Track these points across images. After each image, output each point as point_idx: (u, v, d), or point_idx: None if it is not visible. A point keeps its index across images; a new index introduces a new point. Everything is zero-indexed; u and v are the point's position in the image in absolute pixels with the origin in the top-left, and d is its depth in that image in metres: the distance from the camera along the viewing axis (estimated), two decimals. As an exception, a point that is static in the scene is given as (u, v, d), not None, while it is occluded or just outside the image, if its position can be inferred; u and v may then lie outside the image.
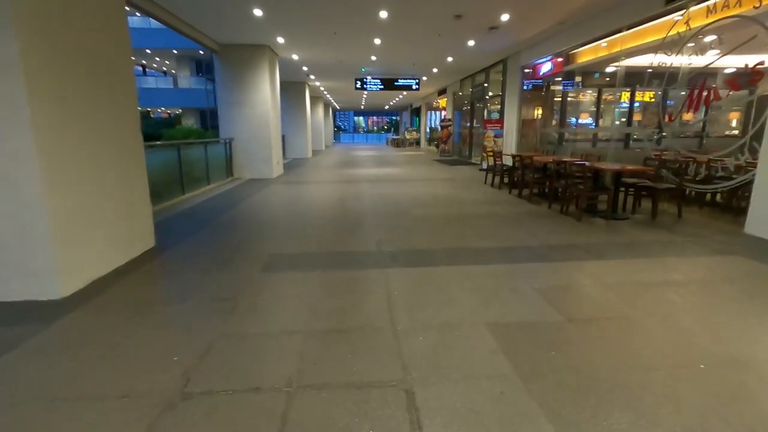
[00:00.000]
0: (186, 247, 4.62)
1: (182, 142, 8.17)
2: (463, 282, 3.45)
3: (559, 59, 9.88)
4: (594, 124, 9.96)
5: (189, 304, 3.10)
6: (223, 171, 10.52)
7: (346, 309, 2.98)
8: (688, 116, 5.98)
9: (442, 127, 19.03)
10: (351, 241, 4.79)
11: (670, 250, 4.35)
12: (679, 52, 5.97)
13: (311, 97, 23.05)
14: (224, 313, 2.93)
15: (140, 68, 35.21)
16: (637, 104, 10.23)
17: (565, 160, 6.43)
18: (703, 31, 5.53)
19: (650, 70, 6.61)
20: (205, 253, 4.37)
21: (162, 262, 4.12)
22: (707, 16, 5.35)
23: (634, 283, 3.41)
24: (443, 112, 23.33)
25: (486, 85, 14.66)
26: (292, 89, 18.28)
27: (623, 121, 10.18)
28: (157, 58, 31.79)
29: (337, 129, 57.25)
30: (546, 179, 7.26)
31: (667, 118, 6.53)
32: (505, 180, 8.96)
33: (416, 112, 32.54)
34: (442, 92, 21.86)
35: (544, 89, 11.23)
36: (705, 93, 5.53)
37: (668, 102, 7.00)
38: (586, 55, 8.92)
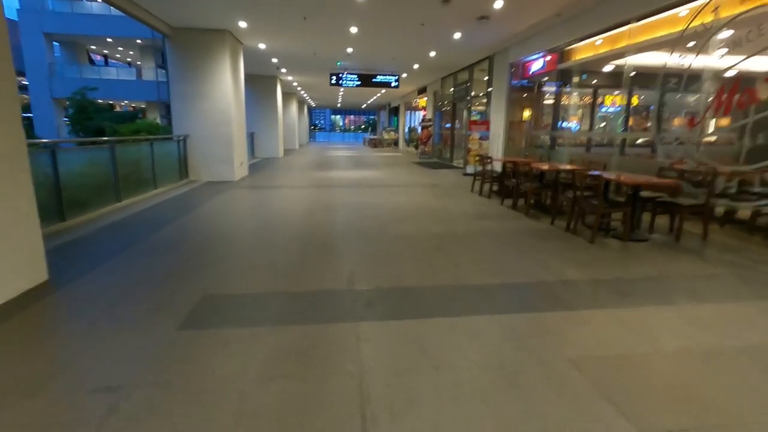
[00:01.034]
0: (91, 281, 3.41)
1: (116, 140, 6.85)
2: (468, 348, 2.42)
3: (552, 57, 9.06)
4: (588, 127, 9.22)
5: (43, 400, 1.94)
6: (176, 173, 9.20)
7: (294, 408, 1.90)
8: (724, 121, 5.17)
9: (423, 128, 18.12)
10: (316, 274, 3.69)
11: (718, 288, 3.46)
12: (702, 47, 5.16)
13: (284, 93, 21.72)
14: (95, 421, 1.79)
15: (102, 58, 32.95)
16: (617, 108, 9.56)
17: (567, 168, 5.52)
18: (734, 21, 4.72)
19: (658, 70, 5.81)
20: (112, 294, 3.18)
21: (42, 310, 2.91)
22: (743, 2, 4.54)
23: (700, 351, 2.47)
24: (423, 112, 22.44)
25: (469, 84, 13.79)
26: (261, 84, 16.94)
27: (612, 126, 9.47)
28: (120, 48, 29.69)
29: (314, 127, 55.84)
30: (544, 189, 6.36)
31: (687, 123, 5.73)
32: (494, 188, 8.05)
33: (394, 112, 31.58)
34: (422, 91, 20.95)
35: (534, 89, 10.40)
36: (738, 95, 4.72)
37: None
38: (583, 51, 8.10)
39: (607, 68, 8.41)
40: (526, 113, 10.63)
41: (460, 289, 3.35)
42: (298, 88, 21.70)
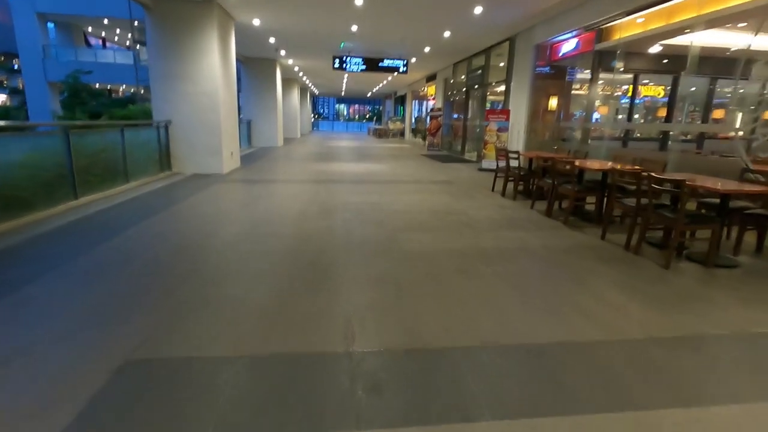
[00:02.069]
0: (-29, 330, 2.35)
1: (70, 125, 5.73)
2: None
3: (587, 36, 7.84)
4: (627, 118, 8.04)
5: None
6: (155, 164, 8.10)
7: None
8: None
9: (431, 118, 16.91)
10: (298, 320, 2.61)
11: None
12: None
13: (284, 79, 20.51)
14: None
15: (99, 41, 31.77)
16: (641, 99, 8.43)
17: (630, 169, 4.37)
18: None
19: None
20: (-11, 356, 2.12)
21: None
22: None
23: None
24: (431, 101, 21.19)
25: (484, 70, 12.55)
26: (259, 67, 15.76)
27: (646, 117, 8.28)
28: (118, 30, 28.51)
29: (318, 116, 54.49)
30: (587, 193, 5.23)
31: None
32: (519, 187, 6.91)
33: (400, 101, 30.27)
34: (431, 79, 19.68)
35: (563, 74, 9.19)
36: None
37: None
38: (628, 28, 6.89)
39: (656, 49, 7.21)
40: (552, 102, 9.43)
41: (506, 352, 2.26)
42: (300, 74, 20.49)
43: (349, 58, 13.75)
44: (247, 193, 6.84)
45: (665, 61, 7.76)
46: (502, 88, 12.18)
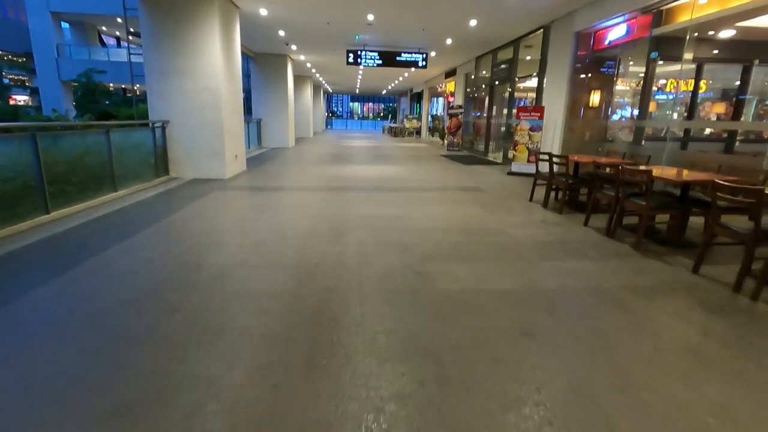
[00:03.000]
0: None
1: (38, 126, 4.90)
2: None
3: (641, 20, 6.73)
4: (688, 115, 6.90)
5: None
6: (150, 169, 7.30)
7: None
8: None
9: (451, 116, 15.86)
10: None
11: None
12: None
13: (296, 76, 19.71)
14: None
15: (114, 41, 31.58)
16: (669, 96, 7.28)
17: (737, 183, 3.32)
18: None
19: None
20: None
21: None
22: None
23: None
24: (450, 99, 20.12)
25: (512, 63, 11.46)
26: (270, 64, 14.95)
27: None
28: (132, 29, 28.19)
29: (332, 114, 53.80)
30: (665, 211, 4.17)
31: None
32: (555, 194, 5.87)
33: (416, 98, 29.23)
34: (450, 74, 18.60)
35: (613, 65, 8.06)
36: None
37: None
38: (698, 7, 5.76)
39: (727, 33, 6.07)
40: (594, 97, 8.32)
41: None
42: (313, 70, 19.64)
43: (364, 53, 12.82)
44: (248, 204, 5.96)
45: (735, 47, 6.61)
46: (532, 83, 11.10)
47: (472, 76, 15.48)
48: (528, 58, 11.22)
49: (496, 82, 12.85)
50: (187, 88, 7.58)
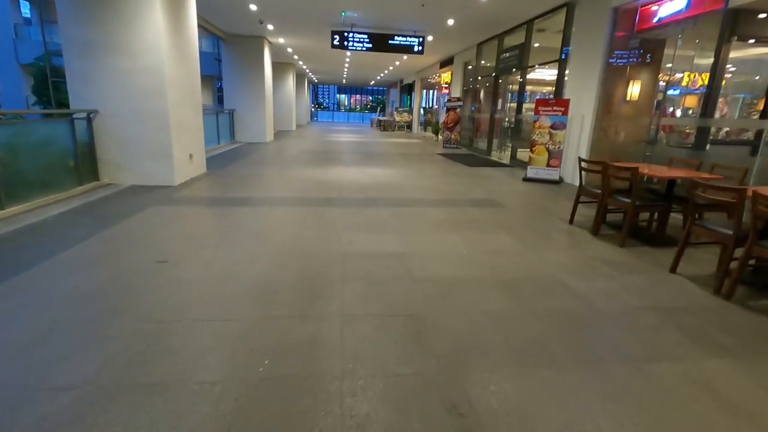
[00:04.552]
0: None
1: None
2: None
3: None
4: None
5: None
6: (70, 174, 5.55)
7: None
8: None
9: (448, 109, 14.27)
10: None
11: None
12: None
13: (277, 63, 17.84)
14: None
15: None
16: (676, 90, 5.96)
17: None
18: None
19: None
20: None
21: None
22: None
23: None
24: (445, 91, 18.52)
25: (523, 49, 9.89)
26: (243, 46, 13.10)
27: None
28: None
29: (318, 106, 51.67)
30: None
31: None
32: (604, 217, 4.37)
33: (407, 90, 27.53)
34: (446, 64, 16.98)
35: (656, 50, 6.56)
36: None
37: None
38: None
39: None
40: (635, 89, 6.82)
41: None
42: (295, 57, 17.77)
43: (351, 35, 11.10)
44: (187, 231, 4.27)
45: None
46: (542, 73, 9.60)
47: (473, 65, 13.88)
48: (536, 45, 9.68)
49: (503, 72, 11.27)
50: (120, 68, 5.81)
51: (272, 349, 2.14)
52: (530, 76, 10.19)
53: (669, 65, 6.28)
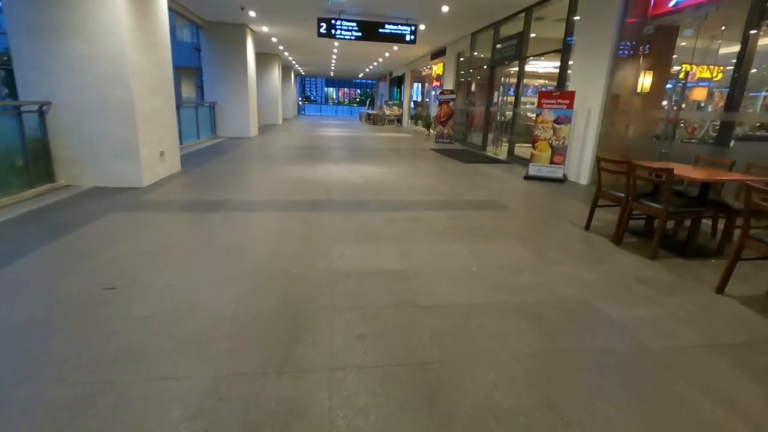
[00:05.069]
0: None
1: None
2: None
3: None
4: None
5: None
6: (21, 175, 4.86)
7: None
8: None
9: (441, 102, 13.70)
10: None
11: None
12: None
13: (262, 54, 17.08)
14: None
15: None
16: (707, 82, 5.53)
17: None
18: None
19: None
20: None
21: None
22: None
23: None
24: (435, 84, 17.94)
25: (521, 38, 9.36)
26: (224, 35, 12.33)
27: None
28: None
29: (306, 99, 50.64)
30: None
31: None
32: (627, 223, 3.88)
33: (397, 83, 26.86)
34: (437, 55, 16.39)
35: (670, 37, 6.06)
36: None
37: None
38: None
39: None
40: (646, 80, 6.33)
41: None
42: (280, 47, 16.98)
43: (340, 23, 10.44)
44: (148, 244, 3.63)
45: None
46: (543, 65, 9.11)
47: (467, 56, 13.32)
48: (533, 35, 9.15)
49: (499, 63, 10.73)
50: (75, 53, 5.10)
51: (241, 424, 1.56)
52: (527, 68, 9.67)
53: (683, 55, 5.79)
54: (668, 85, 6.15)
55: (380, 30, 10.69)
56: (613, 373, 2.00)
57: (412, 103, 22.76)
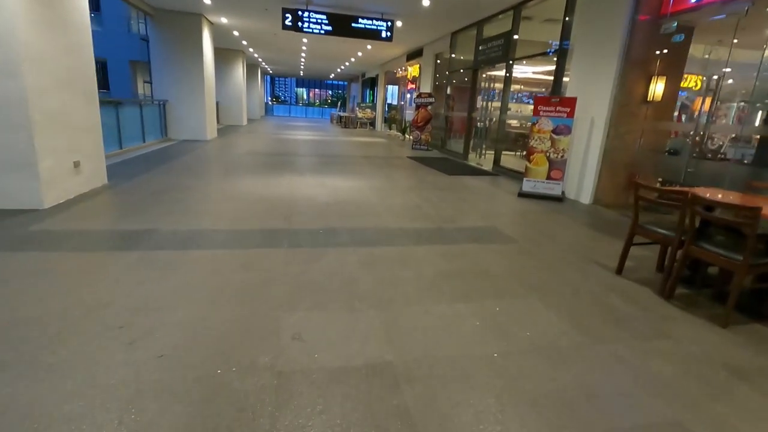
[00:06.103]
0: None
1: None
2: None
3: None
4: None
5: None
6: None
7: None
8: None
9: (418, 106, 12.75)
10: None
11: None
12: None
13: (223, 49, 15.66)
14: None
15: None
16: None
17: None
18: None
19: None
20: None
21: None
22: None
23: None
24: (411, 86, 17.02)
25: (508, 38, 8.52)
26: (176, 25, 10.90)
27: None
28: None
29: (276, 99, 48.75)
30: None
31: None
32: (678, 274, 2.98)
33: (369, 84, 25.81)
34: (413, 56, 15.45)
35: (685, 39, 5.30)
36: None
37: None
38: None
39: None
40: (658, 87, 5.54)
41: None
42: (244, 42, 15.58)
43: (308, 14, 9.29)
44: (7, 315, 2.40)
45: None
46: (531, 69, 8.32)
47: (445, 58, 12.43)
48: (515, 37, 8.35)
49: (483, 65, 9.87)
50: (-62, 31, 3.75)
51: None
52: (522, 72, 8.84)
53: (711, 59, 5.03)
54: (694, 93, 5.39)
55: (353, 24, 9.61)
56: None
57: (386, 106, 21.77)
